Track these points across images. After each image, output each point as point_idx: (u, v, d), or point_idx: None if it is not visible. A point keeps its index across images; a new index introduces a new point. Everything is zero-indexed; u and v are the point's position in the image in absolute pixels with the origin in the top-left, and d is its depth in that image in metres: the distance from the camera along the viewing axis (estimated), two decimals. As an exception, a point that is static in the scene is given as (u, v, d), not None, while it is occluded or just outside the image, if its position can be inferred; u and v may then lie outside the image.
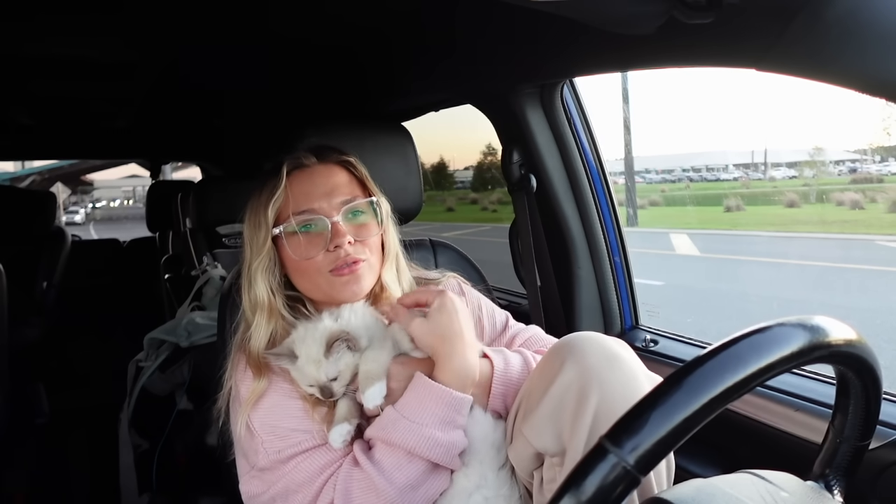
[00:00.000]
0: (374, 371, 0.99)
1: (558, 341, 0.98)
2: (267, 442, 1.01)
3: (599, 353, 0.90)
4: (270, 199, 1.10)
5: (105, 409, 2.81)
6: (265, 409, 1.04)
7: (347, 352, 1.00)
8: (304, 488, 0.98)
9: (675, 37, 1.03)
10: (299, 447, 1.00)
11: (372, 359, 1.00)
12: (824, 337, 0.59)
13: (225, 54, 2.15)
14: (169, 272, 3.03)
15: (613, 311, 1.73)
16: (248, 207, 1.15)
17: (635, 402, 0.55)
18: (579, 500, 0.51)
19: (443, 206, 17.05)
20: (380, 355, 1.01)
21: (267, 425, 1.02)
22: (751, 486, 0.65)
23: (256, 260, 1.11)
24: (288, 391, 1.05)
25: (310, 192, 1.12)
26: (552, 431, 0.89)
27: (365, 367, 1.00)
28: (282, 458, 1.00)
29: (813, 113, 11.60)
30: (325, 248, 1.10)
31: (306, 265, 1.11)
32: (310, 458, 0.99)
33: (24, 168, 17.35)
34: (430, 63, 1.89)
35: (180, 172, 12.64)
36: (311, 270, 1.11)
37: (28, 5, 1.64)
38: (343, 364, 0.99)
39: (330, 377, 0.99)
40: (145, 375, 2.28)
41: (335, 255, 1.10)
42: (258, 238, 1.11)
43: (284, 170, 1.12)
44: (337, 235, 1.10)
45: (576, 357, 0.90)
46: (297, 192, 1.11)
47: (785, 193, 8.23)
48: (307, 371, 1.00)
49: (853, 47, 0.81)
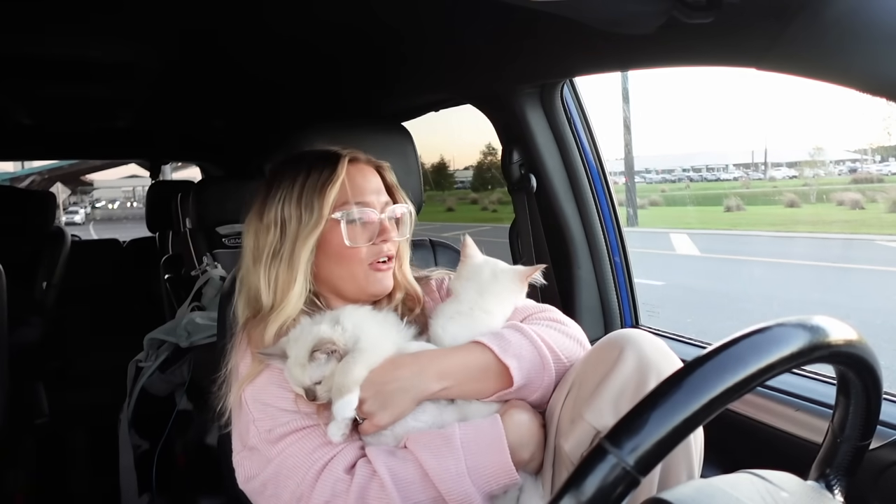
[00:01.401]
0: (344, 384, 0.98)
1: (611, 334, 1.01)
2: (258, 420, 1.02)
3: (654, 346, 0.95)
4: (328, 184, 1.11)
5: (105, 409, 2.80)
6: (259, 386, 1.05)
7: (331, 359, 1.00)
8: (297, 474, 0.97)
9: (675, 37, 1.03)
10: (288, 427, 1.00)
11: (344, 371, 0.99)
12: (824, 337, 0.59)
13: (225, 54, 2.15)
14: (169, 272, 3.03)
15: (613, 311, 1.73)
16: (284, 189, 1.13)
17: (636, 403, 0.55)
18: (579, 501, 0.51)
19: (443, 206, 17.05)
20: (352, 368, 1.00)
21: (259, 402, 1.03)
22: (751, 486, 0.65)
23: (304, 243, 1.10)
24: (283, 377, 1.04)
25: (363, 186, 1.16)
26: (613, 412, 0.92)
27: (338, 379, 0.99)
28: (272, 437, 1.00)
29: (813, 113, 11.60)
30: (370, 241, 1.13)
31: (352, 253, 1.13)
32: (301, 440, 0.99)
33: (24, 168, 17.32)
34: (430, 63, 1.89)
35: (180, 172, 12.64)
36: (354, 259, 1.14)
37: (28, 5, 1.64)
38: (327, 370, 1.00)
39: (313, 381, 0.99)
40: (145, 375, 2.28)
41: (378, 249, 1.14)
42: (308, 221, 1.10)
43: (346, 159, 1.15)
44: (384, 231, 1.15)
45: (633, 347, 0.94)
46: (353, 184, 1.14)
47: (785, 193, 8.24)
48: (294, 372, 1.00)
49: (853, 47, 0.81)
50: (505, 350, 1.01)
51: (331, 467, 0.97)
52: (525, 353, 1.02)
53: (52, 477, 2.86)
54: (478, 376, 1.02)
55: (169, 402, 2.29)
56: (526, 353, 1.02)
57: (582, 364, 1.02)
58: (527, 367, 1.01)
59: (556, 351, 1.04)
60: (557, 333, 1.08)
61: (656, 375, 0.91)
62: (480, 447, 0.95)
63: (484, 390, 1.02)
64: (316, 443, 0.99)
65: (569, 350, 1.07)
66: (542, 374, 1.02)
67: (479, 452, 0.95)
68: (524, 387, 1.02)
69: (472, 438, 0.96)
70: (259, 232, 1.14)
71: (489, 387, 1.02)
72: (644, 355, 0.93)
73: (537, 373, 1.02)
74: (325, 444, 0.99)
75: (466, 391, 1.03)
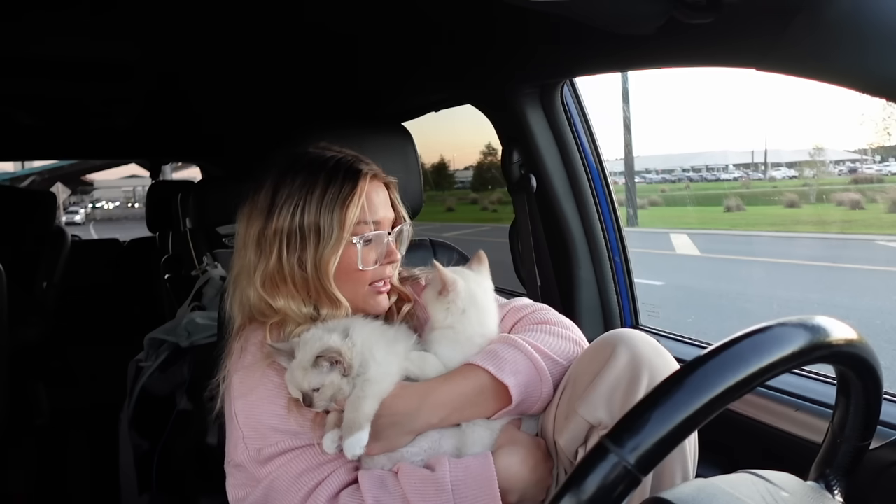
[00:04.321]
0: (355, 420, 0.96)
1: (606, 334, 1.01)
2: (248, 438, 1.01)
3: (647, 344, 0.96)
4: (350, 201, 1.06)
5: (105, 409, 2.80)
6: (252, 403, 1.03)
7: (334, 369, 0.98)
8: (284, 498, 0.97)
9: (675, 37, 1.03)
10: (277, 447, 0.99)
11: (354, 406, 0.98)
12: (825, 337, 0.59)
13: (225, 54, 2.15)
14: (169, 272, 3.03)
15: (613, 311, 1.73)
16: (297, 198, 1.06)
17: (637, 402, 0.55)
18: (580, 500, 0.51)
19: (443, 206, 17.04)
20: (363, 403, 0.98)
21: (251, 419, 1.02)
22: (751, 486, 0.65)
23: (324, 263, 1.05)
24: (277, 387, 1.03)
25: (376, 204, 1.11)
26: (606, 407, 0.93)
27: (348, 415, 0.97)
28: (261, 457, 0.99)
29: (813, 113, 11.60)
30: (377, 263, 1.11)
31: (360, 275, 1.10)
32: (289, 462, 0.98)
33: (24, 168, 17.35)
34: (429, 63, 1.89)
35: (180, 172, 12.65)
36: (360, 281, 1.11)
37: (28, 5, 1.64)
38: (328, 380, 0.98)
39: (312, 387, 0.98)
40: (145, 375, 2.28)
41: (382, 270, 1.12)
42: (329, 238, 1.05)
43: (368, 175, 1.10)
44: (391, 253, 1.13)
45: (627, 346, 0.95)
46: (369, 201, 1.10)
47: (785, 193, 8.24)
48: (295, 374, 0.99)
49: (853, 47, 0.81)
50: (501, 369, 1.00)
51: (317, 495, 0.96)
52: (521, 369, 1.01)
53: (52, 477, 2.86)
54: (476, 400, 1.01)
55: (169, 402, 2.29)
56: (522, 367, 1.01)
57: (577, 363, 1.03)
58: (524, 382, 1.00)
59: (551, 357, 1.03)
60: (551, 337, 1.07)
61: (649, 371, 0.92)
62: (470, 489, 0.94)
63: (484, 412, 1.02)
64: (303, 466, 0.98)
65: (565, 351, 1.06)
66: (539, 387, 1.01)
67: (468, 497, 0.94)
68: (523, 402, 1.01)
69: (462, 480, 0.95)
70: (262, 240, 1.08)
71: (489, 408, 1.02)
72: (637, 352, 0.94)
73: (535, 386, 1.01)
74: (313, 468, 0.98)
75: (466, 416, 1.02)
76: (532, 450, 1.01)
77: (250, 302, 1.10)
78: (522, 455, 1.00)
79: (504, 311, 1.17)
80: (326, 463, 0.98)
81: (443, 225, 12.44)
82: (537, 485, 1.00)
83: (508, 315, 1.16)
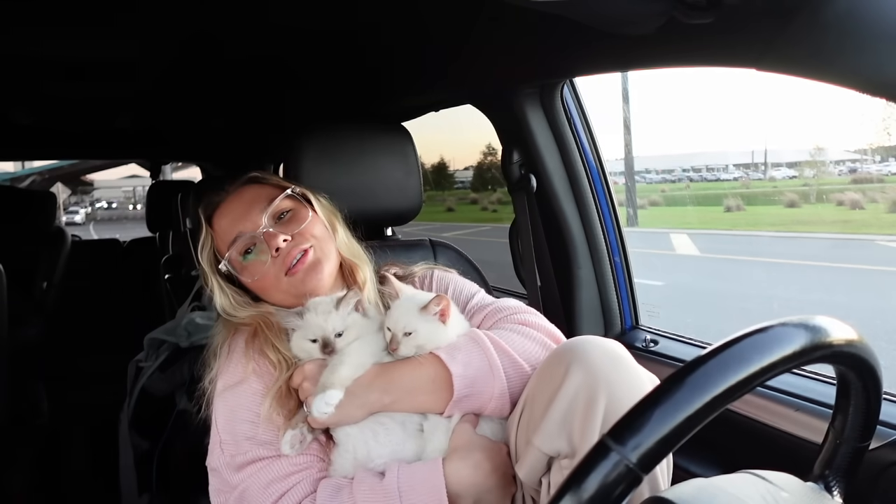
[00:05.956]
0: (329, 380, 1.00)
1: (558, 347, 0.98)
2: (225, 443, 1.04)
3: (602, 355, 0.90)
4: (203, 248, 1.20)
5: (105, 409, 2.80)
6: (230, 409, 1.06)
7: (356, 314, 1.05)
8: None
9: (675, 37, 1.03)
10: (247, 456, 1.01)
11: (331, 369, 1.01)
12: (825, 337, 0.59)
13: (225, 54, 2.15)
14: (169, 272, 3.03)
15: (613, 312, 1.73)
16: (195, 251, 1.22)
17: (638, 400, 0.55)
18: (581, 499, 0.51)
19: (443, 206, 17.05)
20: (339, 368, 1.01)
21: (228, 424, 1.05)
22: (751, 486, 0.65)
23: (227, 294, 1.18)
24: (256, 393, 1.05)
25: (231, 221, 1.18)
26: (563, 435, 0.89)
27: (324, 378, 1.00)
28: (234, 464, 1.01)
29: (813, 113, 11.59)
30: (270, 259, 1.14)
31: (263, 282, 1.15)
32: (259, 472, 1.00)
33: (24, 168, 17.33)
34: (429, 63, 1.89)
35: (180, 172, 12.65)
36: (269, 284, 1.15)
37: (28, 5, 1.64)
38: (350, 321, 1.04)
39: (336, 331, 1.02)
40: (145, 375, 2.27)
41: (281, 258, 1.14)
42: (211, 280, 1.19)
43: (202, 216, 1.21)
44: (271, 240, 1.14)
45: (580, 361, 0.90)
46: (220, 228, 1.19)
47: (785, 193, 8.23)
48: (313, 322, 1.03)
49: (853, 47, 0.81)
50: (452, 358, 1.00)
51: (282, 503, 0.98)
52: (473, 361, 1.00)
53: (52, 477, 2.86)
54: (427, 388, 1.01)
55: (169, 402, 2.29)
56: (474, 360, 1.00)
57: (533, 381, 0.98)
58: (472, 375, 0.99)
59: (511, 355, 1.02)
60: (521, 338, 1.06)
61: (606, 388, 0.86)
62: (418, 495, 0.94)
63: (435, 401, 1.01)
64: (271, 476, 0.99)
65: (532, 354, 1.04)
66: (491, 383, 1.00)
67: (416, 503, 0.94)
68: (470, 396, 1.00)
69: (410, 486, 0.94)
70: None
71: (440, 398, 1.00)
72: (592, 369, 0.88)
73: (485, 381, 1.00)
74: (280, 478, 0.99)
75: (419, 403, 1.02)
76: (489, 454, 0.98)
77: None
78: (476, 459, 0.97)
79: (484, 312, 1.17)
80: (294, 473, 1.00)
81: (443, 225, 12.45)
82: (494, 490, 0.98)
83: (488, 315, 1.16)
